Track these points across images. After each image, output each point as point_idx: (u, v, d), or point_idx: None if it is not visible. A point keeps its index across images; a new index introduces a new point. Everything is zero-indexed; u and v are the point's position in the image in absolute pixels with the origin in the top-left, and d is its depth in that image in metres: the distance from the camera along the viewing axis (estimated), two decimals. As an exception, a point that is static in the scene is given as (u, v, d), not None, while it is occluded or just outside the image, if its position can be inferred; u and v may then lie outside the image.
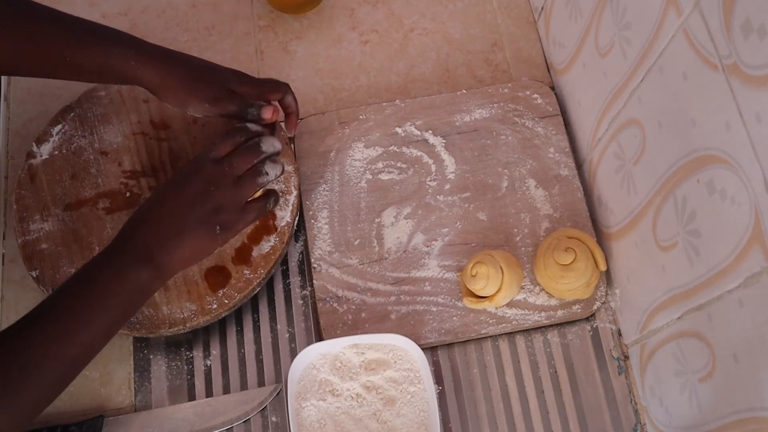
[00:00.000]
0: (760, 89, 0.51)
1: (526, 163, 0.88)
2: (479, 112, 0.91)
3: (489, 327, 0.81)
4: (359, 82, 0.96)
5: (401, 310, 0.82)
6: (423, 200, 0.87)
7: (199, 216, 0.67)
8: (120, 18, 0.98)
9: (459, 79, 0.96)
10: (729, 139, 0.55)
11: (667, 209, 0.67)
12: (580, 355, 0.82)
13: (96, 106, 0.86)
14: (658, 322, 0.73)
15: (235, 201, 0.70)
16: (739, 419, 0.60)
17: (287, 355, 0.82)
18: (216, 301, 0.78)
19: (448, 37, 0.99)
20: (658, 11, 0.62)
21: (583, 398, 0.80)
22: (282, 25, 0.99)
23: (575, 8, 0.82)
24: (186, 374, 0.81)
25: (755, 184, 0.53)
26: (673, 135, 0.64)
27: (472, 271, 0.79)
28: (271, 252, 0.80)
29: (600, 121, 0.80)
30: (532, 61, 0.97)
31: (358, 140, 0.89)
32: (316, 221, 0.86)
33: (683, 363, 0.68)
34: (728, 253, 0.58)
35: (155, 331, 0.77)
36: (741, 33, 0.51)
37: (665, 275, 0.69)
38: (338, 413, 0.76)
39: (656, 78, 0.65)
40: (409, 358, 0.78)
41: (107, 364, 0.81)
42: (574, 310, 0.82)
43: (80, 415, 0.79)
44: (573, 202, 0.86)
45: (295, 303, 0.84)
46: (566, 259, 0.78)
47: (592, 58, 0.79)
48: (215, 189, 0.69)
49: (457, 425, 0.79)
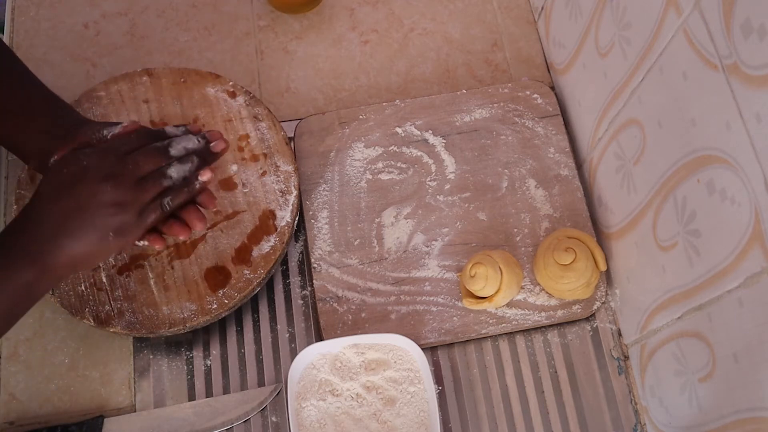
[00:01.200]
0: (760, 89, 0.51)
1: (526, 163, 0.88)
2: (479, 112, 0.91)
3: (489, 327, 0.81)
4: (359, 82, 0.96)
5: (401, 310, 0.82)
6: (423, 200, 0.87)
7: (92, 217, 0.61)
8: (120, 18, 0.98)
9: (459, 79, 0.96)
10: (729, 139, 0.55)
11: (667, 209, 0.67)
12: (580, 355, 0.82)
13: (96, 107, 0.86)
14: (658, 322, 0.73)
15: (132, 204, 0.63)
16: (739, 419, 0.60)
17: (287, 355, 0.82)
18: (216, 301, 0.78)
19: (448, 37, 0.99)
20: (658, 11, 0.62)
21: (583, 398, 0.80)
22: (282, 25, 0.99)
23: (575, 8, 0.82)
24: (186, 374, 0.81)
25: (755, 184, 0.53)
26: (673, 135, 0.64)
27: (470, 271, 0.79)
28: (271, 252, 0.80)
29: (600, 121, 0.80)
30: (532, 61, 0.97)
31: (358, 140, 0.89)
32: (316, 221, 0.86)
33: (683, 363, 0.68)
34: (728, 253, 0.58)
35: (155, 331, 0.77)
36: (741, 33, 0.51)
37: (665, 275, 0.69)
38: (338, 413, 0.76)
39: (656, 78, 0.65)
40: (409, 358, 0.78)
41: (107, 364, 0.81)
42: (574, 310, 0.82)
43: (80, 415, 0.79)
44: (573, 202, 0.86)
45: (295, 303, 0.84)
46: (566, 259, 0.78)
47: (592, 58, 0.79)
48: (113, 188, 0.61)
49: (457, 425, 0.79)
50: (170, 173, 0.65)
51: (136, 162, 0.63)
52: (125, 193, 0.62)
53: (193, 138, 0.69)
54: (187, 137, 0.68)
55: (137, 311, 0.77)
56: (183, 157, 0.67)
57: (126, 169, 0.63)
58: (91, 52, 0.96)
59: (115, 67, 0.95)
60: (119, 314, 0.77)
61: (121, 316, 0.77)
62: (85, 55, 0.96)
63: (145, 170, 0.64)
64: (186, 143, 0.68)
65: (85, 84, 0.94)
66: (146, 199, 0.64)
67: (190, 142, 0.68)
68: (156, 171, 0.64)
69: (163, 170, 0.65)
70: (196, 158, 0.68)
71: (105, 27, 0.98)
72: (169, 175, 0.65)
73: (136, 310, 0.77)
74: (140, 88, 0.87)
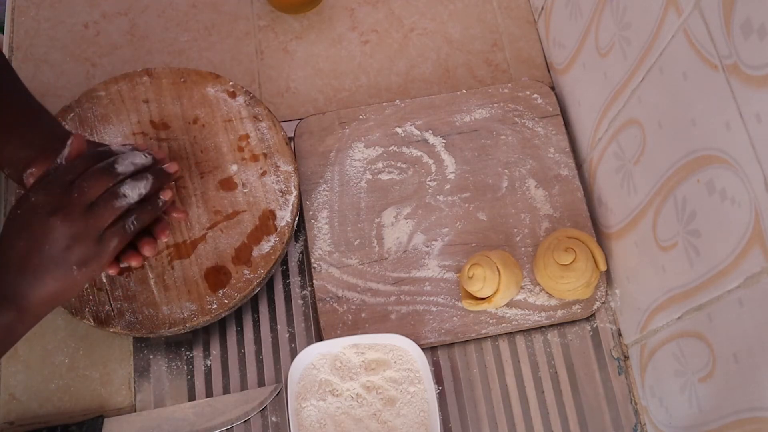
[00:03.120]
0: (760, 89, 0.51)
1: (526, 163, 0.88)
2: (479, 112, 0.91)
3: (489, 327, 0.81)
4: (359, 82, 0.96)
5: (401, 310, 0.82)
6: (423, 200, 0.87)
7: (50, 255, 0.59)
8: (120, 18, 0.98)
9: (459, 79, 0.96)
10: (729, 139, 0.55)
11: (667, 209, 0.67)
12: (580, 355, 0.82)
13: (96, 107, 0.86)
14: (658, 322, 0.73)
15: (88, 233, 0.60)
16: (739, 419, 0.60)
17: (287, 355, 0.82)
18: (216, 301, 0.78)
19: (448, 37, 0.99)
20: (658, 11, 0.62)
21: (583, 398, 0.80)
22: (282, 25, 0.99)
23: (575, 8, 0.82)
24: (186, 374, 0.81)
25: (755, 184, 0.53)
26: (673, 135, 0.64)
27: (468, 272, 0.79)
28: (271, 252, 0.80)
29: (600, 121, 0.80)
30: (532, 61, 0.97)
31: (358, 140, 0.89)
32: (316, 221, 0.86)
33: (683, 363, 0.68)
34: (728, 253, 0.58)
35: (155, 331, 0.77)
36: (741, 33, 0.51)
37: (665, 275, 0.69)
38: (338, 413, 0.76)
39: (656, 78, 0.65)
40: (409, 358, 0.78)
41: (107, 364, 0.81)
42: (574, 310, 0.82)
43: (80, 415, 0.79)
44: (573, 202, 0.86)
45: (295, 303, 0.84)
46: (566, 259, 0.78)
47: (592, 58, 0.79)
48: (62, 222, 0.59)
49: (457, 425, 0.79)
50: (124, 191, 0.63)
51: (80, 189, 0.60)
52: (75, 224, 0.60)
53: (139, 154, 0.66)
54: (134, 153, 0.66)
55: (137, 311, 0.77)
56: (137, 173, 0.64)
57: (72, 199, 0.60)
58: (91, 52, 0.96)
59: (115, 67, 0.95)
60: (119, 314, 0.77)
61: (121, 316, 0.77)
62: (85, 55, 0.96)
63: (93, 195, 0.61)
64: (133, 158, 0.65)
65: (85, 84, 0.94)
66: (101, 225, 0.61)
67: (137, 157, 0.65)
68: (106, 193, 0.62)
69: (115, 190, 0.62)
70: (149, 176, 0.65)
71: (105, 27, 0.98)
72: (123, 194, 0.62)
73: (136, 310, 0.77)
74: (140, 88, 0.87)
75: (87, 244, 0.60)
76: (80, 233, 0.60)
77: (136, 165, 0.64)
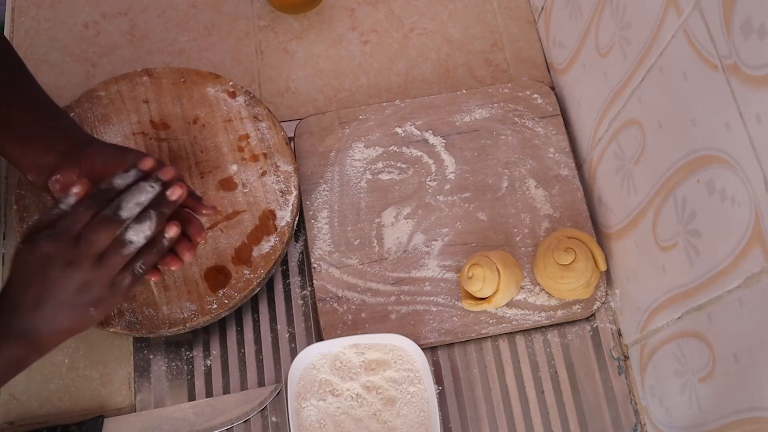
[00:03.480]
0: (760, 89, 0.51)
1: (526, 163, 0.88)
2: (479, 112, 0.91)
3: (489, 327, 0.81)
4: (359, 82, 0.96)
5: (401, 310, 0.82)
6: (423, 200, 0.87)
7: (65, 299, 0.62)
8: (120, 18, 0.98)
9: (459, 79, 0.96)
10: (729, 139, 0.55)
11: (667, 209, 0.67)
12: (580, 355, 0.82)
13: (96, 106, 0.86)
14: (658, 322, 0.73)
15: (101, 281, 0.62)
16: (739, 419, 0.60)
17: (287, 355, 0.82)
18: (216, 301, 0.78)
19: (448, 37, 0.99)
20: (658, 11, 0.62)
21: (583, 398, 0.80)
22: (282, 25, 0.99)
23: (575, 8, 0.82)
24: (186, 374, 0.81)
25: (755, 184, 0.53)
26: (673, 135, 0.64)
27: (468, 273, 0.79)
28: (271, 252, 0.80)
29: (600, 121, 0.80)
30: (532, 61, 0.97)
31: (358, 140, 0.89)
32: (316, 221, 0.86)
33: (683, 363, 0.68)
34: (728, 253, 0.58)
35: (155, 331, 0.77)
36: (741, 33, 0.51)
37: (665, 275, 0.69)
38: (338, 413, 0.76)
39: (656, 78, 0.65)
40: (409, 358, 0.78)
41: (107, 364, 0.81)
42: (574, 310, 0.82)
43: (80, 415, 0.79)
44: (573, 202, 0.86)
45: (295, 303, 0.84)
46: (566, 259, 0.78)
47: (592, 58, 0.79)
48: (75, 271, 0.61)
49: (457, 425, 0.79)
50: (129, 238, 0.63)
51: (88, 242, 0.62)
52: (87, 274, 0.62)
53: (145, 186, 0.65)
54: (139, 188, 0.65)
55: (137, 311, 0.77)
56: (139, 215, 0.64)
57: (81, 252, 0.62)
58: (91, 52, 0.96)
59: (115, 67, 0.95)
60: (119, 314, 0.77)
61: (121, 316, 0.77)
62: (85, 55, 0.96)
63: (101, 246, 0.62)
64: (137, 197, 0.64)
65: (85, 84, 0.94)
66: (112, 273, 0.63)
67: (141, 194, 0.64)
68: (114, 243, 0.62)
69: (121, 238, 0.63)
70: (153, 214, 0.64)
71: (105, 27, 0.98)
72: (129, 241, 0.63)
73: (136, 310, 0.77)
74: (140, 88, 0.87)
75: (99, 290, 0.63)
76: (92, 282, 0.62)
77: (141, 204, 0.64)
